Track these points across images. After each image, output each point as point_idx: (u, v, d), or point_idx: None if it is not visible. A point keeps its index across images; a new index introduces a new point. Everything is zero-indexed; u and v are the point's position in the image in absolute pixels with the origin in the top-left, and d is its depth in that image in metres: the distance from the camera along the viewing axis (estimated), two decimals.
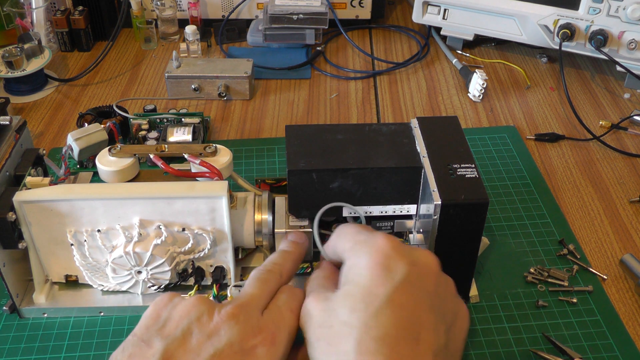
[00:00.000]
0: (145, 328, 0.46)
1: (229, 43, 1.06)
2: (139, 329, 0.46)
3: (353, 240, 0.49)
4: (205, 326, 0.45)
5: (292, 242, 0.57)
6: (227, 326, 0.45)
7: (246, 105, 0.91)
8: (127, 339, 0.46)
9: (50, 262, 0.59)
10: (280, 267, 0.53)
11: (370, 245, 0.47)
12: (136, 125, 0.80)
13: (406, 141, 0.59)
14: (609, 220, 0.71)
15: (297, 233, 0.58)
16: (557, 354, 0.56)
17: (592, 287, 0.62)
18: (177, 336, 0.45)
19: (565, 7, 0.89)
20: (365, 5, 1.07)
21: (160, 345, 0.44)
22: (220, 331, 0.45)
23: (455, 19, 0.99)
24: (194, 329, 0.45)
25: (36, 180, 0.58)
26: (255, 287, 0.50)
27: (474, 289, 0.61)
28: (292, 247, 0.56)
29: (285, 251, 0.56)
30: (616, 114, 0.88)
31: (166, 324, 0.46)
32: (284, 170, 0.57)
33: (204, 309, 0.46)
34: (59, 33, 1.01)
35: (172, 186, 0.55)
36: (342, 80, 0.97)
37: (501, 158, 0.79)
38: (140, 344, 0.44)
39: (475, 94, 0.91)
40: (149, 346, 0.44)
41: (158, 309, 0.48)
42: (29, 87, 0.92)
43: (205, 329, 0.45)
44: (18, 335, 0.58)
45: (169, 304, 0.48)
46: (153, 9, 1.05)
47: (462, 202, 0.53)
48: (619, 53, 0.89)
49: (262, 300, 0.49)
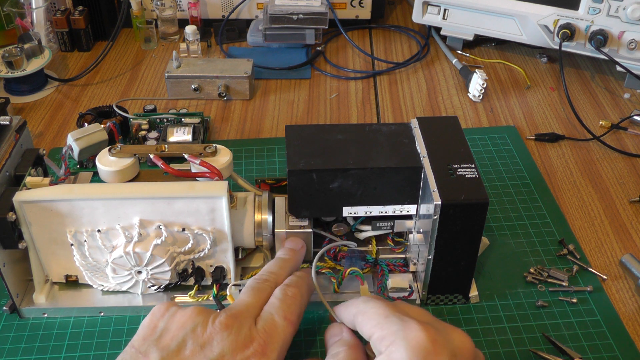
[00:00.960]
0: (142, 339, 0.47)
1: (229, 43, 1.06)
2: (136, 339, 0.48)
3: (382, 326, 0.45)
4: (199, 337, 0.47)
5: (289, 250, 0.57)
6: (219, 337, 0.47)
7: (246, 105, 0.91)
8: (125, 349, 0.47)
9: (50, 262, 0.59)
10: (277, 276, 0.54)
11: (405, 338, 0.43)
12: (136, 125, 0.80)
13: (406, 141, 0.59)
14: (609, 220, 0.71)
15: (294, 239, 0.58)
16: (557, 354, 0.56)
17: (592, 287, 0.62)
18: (173, 348, 0.46)
19: (565, 7, 0.89)
20: (365, 5, 1.07)
21: (156, 357, 0.46)
22: (213, 342, 0.46)
23: (455, 19, 0.99)
24: (188, 340, 0.46)
25: (36, 180, 0.58)
26: (250, 295, 0.51)
27: (474, 289, 0.61)
28: (289, 255, 0.57)
29: (282, 259, 0.56)
30: (616, 114, 0.88)
31: (163, 335, 0.47)
32: (284, 170, 0.57)
33: (199, 320, 0.48)
34: (59, 33, 1.01)
35: (172, 186, 0.55)
36: (342, 80, 0.97)
37: (501, 158, 0.79)
38: (137, 356, 0.46)
39: (475, 94, 0.91)
40: (146, 357, 0.46)
41: (155, 319, 0.49)
42: (29, 87, 0.92)
43: (199, 339, 0.46)
44: (18, 335, 0.58)
45: (166, 314, 0.49)
46: (153, 9, 1.05)
47: (462, 202, 0.53)
48: (619, 53, 0.89)
49: (257, 310, 0.50)
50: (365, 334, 0.46)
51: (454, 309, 0.60)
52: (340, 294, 0.60)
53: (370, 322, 0.46)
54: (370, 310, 0.47)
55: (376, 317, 0.46)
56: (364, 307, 0.47)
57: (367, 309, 0.47)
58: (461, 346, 0.44)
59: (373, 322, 0.46)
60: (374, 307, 0.47)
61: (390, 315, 0.46)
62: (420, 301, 0.60)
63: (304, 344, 0.57)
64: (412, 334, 0.43)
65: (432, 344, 0.42)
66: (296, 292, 0.52)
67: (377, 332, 0.45)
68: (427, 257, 0.56)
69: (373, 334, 0.45)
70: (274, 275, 0.54)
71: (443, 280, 0.58)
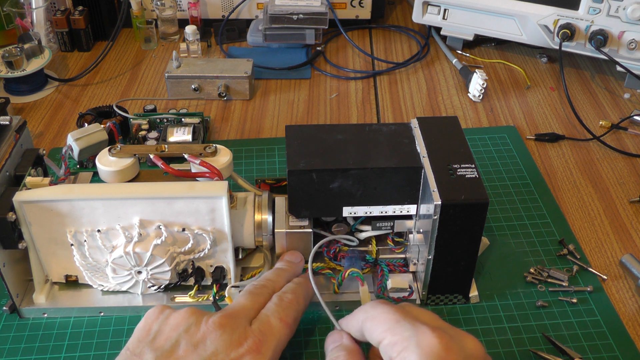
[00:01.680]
0: (137, 342, 0.48)
1: (229, 43, 1.06)
2: (131, 342, 0.48)
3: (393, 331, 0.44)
4: (192, 337, 0.47)
5: (287, 261, 0.58)
6: (213, 336, 0.47)
7: (246, 105, 0.91)
8: (120, 352, 0.48)
9: (50, 262, 0.59)
10: (274, 283, 0.55)
11: (418, 344, 0.42)
12: (136, 125, 0.80)
13: (406, 141, 0.59)
14: (609, 220, 0.71)
15: (293, 253, 0.59)
16: (557, 354, 0.56)
17: (592, 287, 0.62)
18: (167, 349, 0.46)
19: (565, 7, 0.89)
20: (365, 5, 1.07)
21: (150, 358, 0.46)
22: (207, 341, 0.47)
23: (455, 19, 0.99)
24: (181, 340, 0.47)
25: (36, 180, 0.58)
26: (246, 298, 0.52)
27: (474, 289, 0.61)
28: (287, 266, 0.57)
29: (280, 269, 0.57)
30: (616, 114, 0.88)
31: (157, 337, 0.47)
32: (284, 170, 0.57)
33: (192, 321, 0.48)
34: (59, 33, 1.01)
35: (172, 186, 0.55)
36: (342, 80, 0.97)
37: (501, 158, 0.79)
38: (132, 358, 0.46)
39: (475, 94, 0.91)
40: (141, 359, 0.46)
41: (149, 322, 0.49)
42: (29, 87, 0.92)
43: (192, 339, 0.47)
44: (18, 335, 0.58)
45: (160, 316, 0.49)
46: (153, 9, 1.05)
47: (462, 202, 0.53)
48: (619, 53, 0.89)
49: (252, 312, 0.50)
50: (375, 339, 0.45)
51: (454, 309, 0.60)
52: (340, 295, 0.60)
53: (381, 327, 0.45)
54: (379, 316, 0.46)
55: (387, 322, 0.45)
56: (372, 312, 0.46)
57: (377, 314, 0.46)
58: (474, 353, 0.43)
59: (383, 327, 0.45)
60: (384, 312, 0.46)
61: (401, 320, 0.44)
62: (420, 301, 0.60)
63: (304, 344, 0.57)
64: (425, 340, 0.42)
65: (446, 350, 0.41)
66: (293, 298, 0.53)
67: (388, 338, 0.44)
68: (427, 257, 0.56)
69: (384, 339, 0.44)
70: (271, 282, 0.55)
71: (443, 280, 0.58)
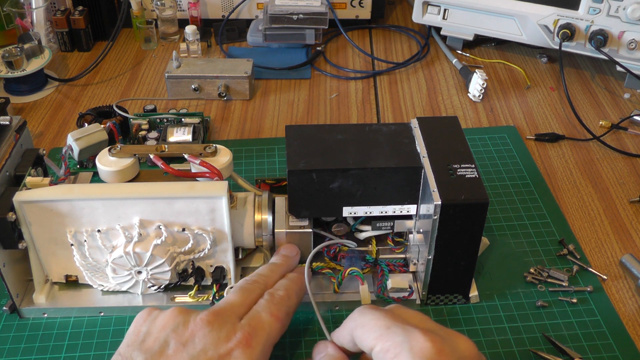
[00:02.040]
0: (127, 346, 0.48)
1: (229, 43, 1.06)
2: (121, 347, 0.48)
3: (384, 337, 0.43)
4: (181, 336, 0.47)
5: (282, 256, 0.58)
6: (201, 333, 0.47)
7: (246, 105, 0.91)
8: (112, 357, 0.48)
9: (50, 262, 0.59)
10: (266, 278, 0.54)
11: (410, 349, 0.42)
12: (136, 125, 0.80)
13: (406, 141, 0.59)
14: (609, 220, 0.71)
15: (289, 246, 0.59)
16: (557, 354, 0.56)
17: (592, 287, 0.62)
18: (156, 350, 0.46)
19: (565, 7, 0.89)
20: (365, 5, 1.07)
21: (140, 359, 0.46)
22: (195, 338, 0.46)
23: (455, 19, 0.99)
24: (170, 340, 0.47)
25: (36, 180, 0.58)
26: (236, 295, 0.51)
27: (474, 289, 0.61)
28: (281, 260, 0.57)
29: (274, 264, 0.57)
30: (616, 114, 0.88)
31: (146, 339, 0.47)
32: (284, 170, 0.57)
33: (180, 320, 0.48)
34: (59, 33, 1.01)
35: (172, 186, 0.55)
36: (342, 80, 0.97)
37: (501, 158, 0.79)
38: None
39: (475, 94, 0.91)
40: None
41: (138, 325, 0.49)
42: (29, 87, 0.92)
43: (181, 338, 0.47)
44: (18, 335, 0.58)
45: (148, 319, 0.49)
46: (153, 9, 1.05)
47: (462, 202, 0.53)
48: (619, 53, 0.89)
49: (242, 309, 0.50)
50: (367, 346, 0.45)
51: (454, 309, 0.60)
52: (340, 294, 0.60)
53: (372, 334, 0.44)
54: (369, 322, 0.45)
55: (377, 329, 0.44)
56: (361, 320, 0.46)
57: (366, 321, 0.45)
58: (467, 354, 0.43)
59: (374, 334, 0.44)
60: (373, 318, 0.45)
61: (392, 325, 0.44)
62: (420, 301, 0.60)
63: (304, 344, 0.57)
64: (417, 344, 0.42)
65: (438, 353, 0.41)
66: (284, 294, 0.52)
67: (379, 344, 0.43)
68: (427, 257, 0.56)
69: (375, 345, 0.44)
70: (263, 278, 0.54)
71: (443, 280, 0.58)
